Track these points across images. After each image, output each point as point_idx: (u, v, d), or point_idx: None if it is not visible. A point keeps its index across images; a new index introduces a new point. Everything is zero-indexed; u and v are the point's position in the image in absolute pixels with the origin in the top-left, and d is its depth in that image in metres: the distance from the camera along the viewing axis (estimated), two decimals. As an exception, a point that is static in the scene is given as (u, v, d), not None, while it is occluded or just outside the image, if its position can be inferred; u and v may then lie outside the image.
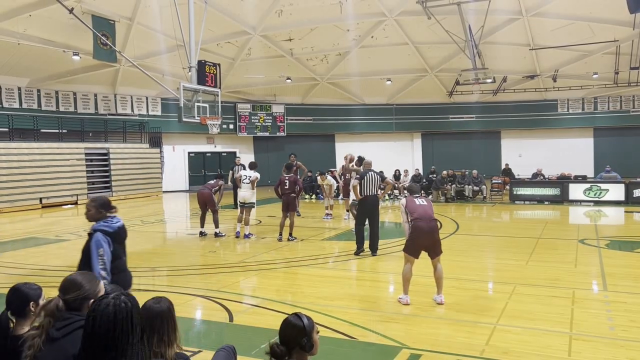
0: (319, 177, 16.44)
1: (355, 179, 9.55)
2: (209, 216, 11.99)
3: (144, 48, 20.27)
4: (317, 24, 21.26)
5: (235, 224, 12.09)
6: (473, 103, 27.44)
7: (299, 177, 13.10)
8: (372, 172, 9.21)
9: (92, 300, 2.48)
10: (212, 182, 12.18)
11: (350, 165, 12.66)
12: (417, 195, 6.77)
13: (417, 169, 23.18)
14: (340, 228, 12.95)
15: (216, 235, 11.69)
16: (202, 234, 11.86)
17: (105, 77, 22.25)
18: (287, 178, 11.00)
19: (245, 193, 11.35)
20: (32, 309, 2.76)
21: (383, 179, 9.68)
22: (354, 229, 12.10)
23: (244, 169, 15.36)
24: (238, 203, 11.75)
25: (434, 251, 6.33)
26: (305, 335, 2.47)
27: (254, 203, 11.51)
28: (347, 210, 12.87)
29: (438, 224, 6.58)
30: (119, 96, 23.48)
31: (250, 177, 11.35)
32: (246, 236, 11.36)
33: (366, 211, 9.28)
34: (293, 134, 27.80)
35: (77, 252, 11.22)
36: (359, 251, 9.30)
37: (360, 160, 12.27)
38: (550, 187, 18.56)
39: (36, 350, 2.26)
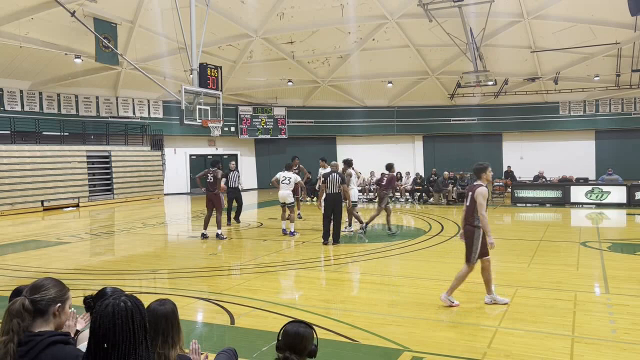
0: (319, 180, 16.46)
1: (322, 181, 10.96)
2: (213, 218, 11.97)
3: (146, 51, 20.31)
4: (319, 27, 21.28)
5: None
6: (474, 105, 27.43)
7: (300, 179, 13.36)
8: (335, 174, 10.84)
9: (58, 305, 2.39)
10: (211, 179, 11.84)
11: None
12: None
13: (417, 173, 23.16)
14: (341, 231, 12.92)
15: (217, 236, 11.68)
16: (204, 236, 11.84)
17: (107, 79, 22.29)
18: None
19: (284, 192, 12.08)
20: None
21: (343, 181, 10.91)
22: (358, 231, 12.21)
23: (239, 175, 15.34)
24: (280, 202, 12.35)
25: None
26: (314, 343, 2.54)
27: (293, 202, 12.29)
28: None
29: (472, 229, 6.13)
30: (120, 99, 23.52)
31: (290, 178, 12.17)
32: (291, 233, 11.90)
33: (329, 206, 10.75)
34: (294, 136, 27.82)
35: (79, 255, 11.25)
36: (325, 241, 10.75)
37: (347, 163, 12.47)
38: (552, 189, 18.55)
39: (13, 356, 2.17)
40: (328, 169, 12.16)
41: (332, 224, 10.78)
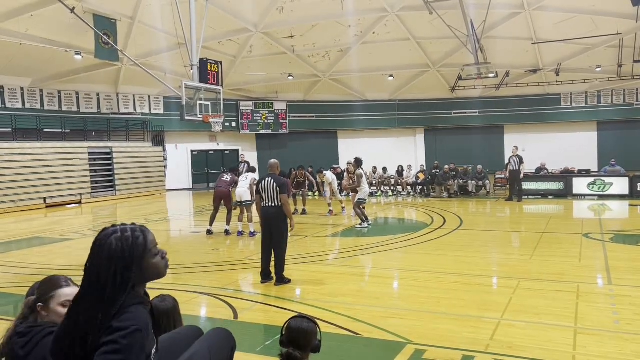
0: (318, 175, 16.49)
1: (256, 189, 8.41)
2: (219, 215, 11.97)
3: (146, 47, 20.27)
4: (319, 21, 21.20)
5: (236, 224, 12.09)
6: (476, 98, 27.34)
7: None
8: (270, 178, 7.56)
9: (39, 304, 2.45)
10: (227, 178, 11.92)
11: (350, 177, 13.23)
12: None
13: (422, 165, 23.18)
14: (344, 225, 12.96)
15: (239, 233, 11.64)
16: (209, 232, 11.81)
17: (108, 76, 22.28)
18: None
19: (240, 190, 11.50)
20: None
21: (283, 189, 7.60)
22: (357, 226, 12.22)
23: (249, 166, 15.33)
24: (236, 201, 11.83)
25: None
26: (317, 338, 2.53)
27: (249, 200, 11.38)
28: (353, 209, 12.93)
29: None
30: (121, 95, 23.52)
31: (248, 175, 11.63)
32: (251, 234, 11.38)
33: (266, 226, 7.48)
34: (295, 131, 27.80)
35: (82, 251, 11.28)
36: (263, 279, 7.34)
37: (357, 161, 12.41)
38: (554, 181, 18.52)
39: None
40: (250, 174, 11.56)
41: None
